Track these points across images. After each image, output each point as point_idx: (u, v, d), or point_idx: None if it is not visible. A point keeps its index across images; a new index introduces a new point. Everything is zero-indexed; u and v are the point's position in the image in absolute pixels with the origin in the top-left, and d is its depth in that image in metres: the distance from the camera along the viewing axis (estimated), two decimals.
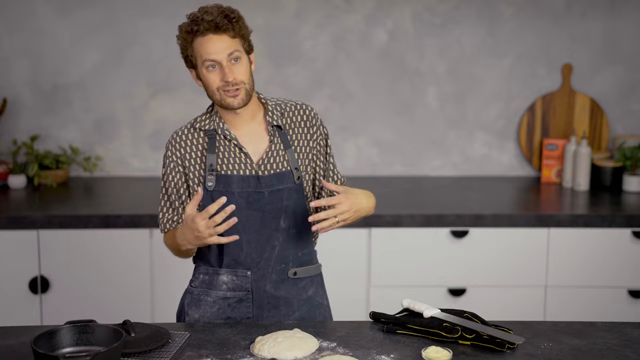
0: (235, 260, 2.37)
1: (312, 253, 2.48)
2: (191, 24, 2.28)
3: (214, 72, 2.29)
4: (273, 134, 2.39)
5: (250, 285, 2.38)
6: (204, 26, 2.25)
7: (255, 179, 2.35)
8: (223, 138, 2.37)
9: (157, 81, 4.03)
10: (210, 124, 2.38)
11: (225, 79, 2.27)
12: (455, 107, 4.10)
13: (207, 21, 2.24)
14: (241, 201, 2.33)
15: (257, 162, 2.36)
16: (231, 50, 2.27)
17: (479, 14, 4.01)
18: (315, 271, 2.47)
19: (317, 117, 2.47)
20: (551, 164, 4.00)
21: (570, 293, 3.52)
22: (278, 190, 2.36)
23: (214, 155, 2.35)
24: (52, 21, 3.95)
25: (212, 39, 2.26)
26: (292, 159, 2.39)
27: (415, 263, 3.47)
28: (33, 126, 4.03)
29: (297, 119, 2.43)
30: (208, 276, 2.41)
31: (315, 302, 2.47)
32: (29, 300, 3.43)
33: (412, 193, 3.82)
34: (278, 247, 2.38)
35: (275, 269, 2.39)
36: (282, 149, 2.38)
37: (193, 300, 2.43)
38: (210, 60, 2.27)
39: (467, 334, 2.14)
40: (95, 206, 3.57)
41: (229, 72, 2.27)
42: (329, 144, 2.50)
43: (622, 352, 2.11)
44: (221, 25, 2.25)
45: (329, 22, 4.00)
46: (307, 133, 2.43)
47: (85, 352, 1.98)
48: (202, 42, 2.27)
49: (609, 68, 4.07)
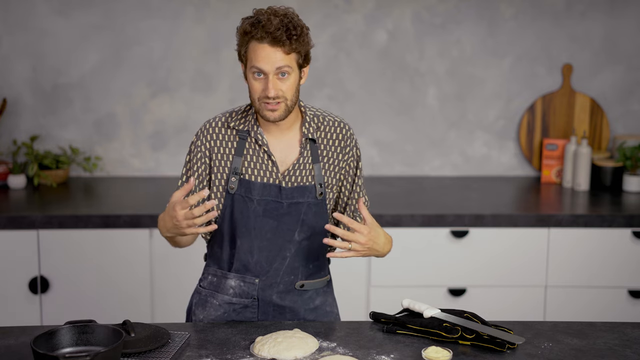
0: (244, 266, 2.35)
1: (323, 265, 2.43)
2: (250, 26, 2.20)
3: (258, 81, 2.22)
4: (304, 146, 2.34)
5: (256, 293, 2.36)
6: (261, 34, 2.18)
7: (277, 189, 2.32)
8: (254, 142, 2.33)
9: (157, 81, 4.03)
10: (245, 124, 2.34)
11: (266, 92, 2.21)
12: (455, 107, 4.10)
13: (266, 31, 2.17)
14: (259, 208, 2.31)
15: (283, 172, 2.33)
16: (281, 65, 2.19)
17: (479, 14, 4.01)
18: (322, 284, 2.44)
19: (353, 137, 2.42)
20: (551, 164, 4.00)
21: (570, 293, 3.52)
22: (298, 203, 2.33)
23: (241, 158, 2.32)
24: (52, 21, 3.95)
25: (265, 49, 2.19)
26: (318, 174, 2.35)
27: (415, 263, 3.47)
28: (33, 126, 4.03)
29: (332, 136, 2.38)
30: (217, 278, 2.40)
31: (323, 311, 2.44)
32: (29, 300, 3.43)
33: (412, 193, 3.82)
34: (289, 258, 2.35)
35: (284, 280, 2.37)
36: (309, 163, 2.34)
37: (200, 300, 2.43)
38: (257, 68, 2.20)
39: (467, 334, 2.14)
40: (95, 206, 3.57)
41: (272, 86, 2.20)
42: (359, 167, 2.44)
43: (622, 352, 2.11)
44: (279, 39, 2.17)
45: (329, 22, 4.00)
46: (340, 153, 2.39)
47: (85, 352, 1.97)
48: (256, 48, 2.20)
49: (609, 68, 4.07)
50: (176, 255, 3.42)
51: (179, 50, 4.00)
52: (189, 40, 4.00)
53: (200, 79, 4.02)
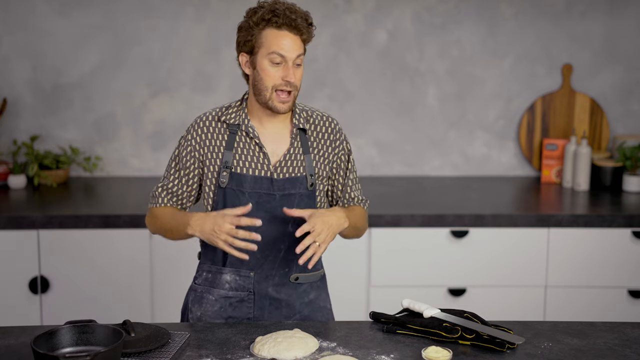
0: (239, 259, 2.36)
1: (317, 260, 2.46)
2: (271, 13, 2.24)
3: (276, 68, 2.26)
4: (295, 137, 2.38)
5: (252, 286, 2.38)
6: (284, 20, 2.23)
7: (269, 181, 2.34)
8: (245, 135, 2.36)
9: (157, 81, 4.03)
10: (236, 118, 2.37)
11: (287, 77, 2.25)
12: (455, 107, 4.10)
13: (291, 18, 2.23)
14: (251, 201, 2.33)
15: (275, 164, 2.35)
16: (300, 52, 2.27)
17: (479, 14, 4.01)
18: (316, 277, 2.47)
19: (342, 132, 2.46)
20: (551, 164, 4.00)
21: (570, 293, 3.52)
22: (290, 195, 2.35)
23: (231, 152, 2.35)
24: (52, 21, 3.95)
25: (287, 36, 2.24)
26: (309, 165, 2.38)
27: (415, 263, 3.47)
28: (33, 126, 4.03)
29: (322, 129, 2.42)
30: (211, 274, 2.41)
31: (317, 305, 2.47)
32: (29, 300, 3.43)
33: (412, 193, 3.82)
34: (284, 250, 2.37)
35: (279, 272, 2.39)
36: (300, 153, 2.37)
37: (196, 297, 2.44)
38: (279, 54, 2.24)
39: (467, 334, 2.14)
40: (95, 206, 3.57)
41: (293, 73, 2.25)
42: (350, 160, 2.48)
43: (622, 352, 2.11)
44: (301, 27, 2.24)
45: (329, 22, 4.00)
46: (329, 146, 2.42)
47: (85, 352, 1.97)
48: (276, 35, 2.24)
49: (609, 68, 4.07)
50: (176, 255, 3.42)
51: (179, 50, 4.00)
52: (189, 40, 4.00)
53: (200, 79, 4.02)
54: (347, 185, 2.48)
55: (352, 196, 2.50)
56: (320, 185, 2.41)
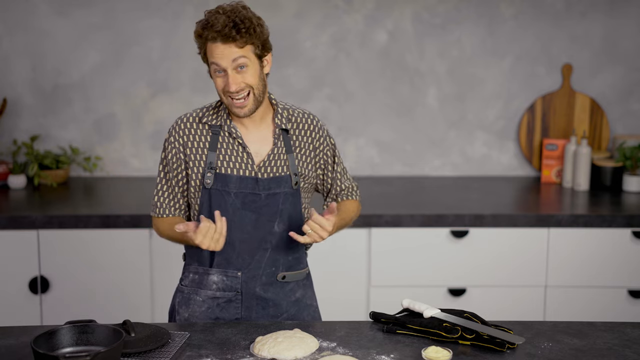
0: (226, 259, 2.37)
1: (302, 257, 2.48)
2: (201, 28, 2.26)
3: (220, 77, 2.29)
4: (278, 137, 2.39)
5: (240, 286, 2.39)
6: (212, 35, 2.24)
7: (254, 181, 2.35)
8: (228, 135, 2.37)
9: (157, 81, 4.03)
10: (218, 119, 2.38)
11: (227, 88, 2.27)
12: (455, 107, 4.10)
13: (215, 31, 2.23)
14: (237, 201, 2.34)
15: (259, 164, 2.36)
16: (236, 57, 2.25)
17: (479, 14, 4.01)
18: (302, 276, 2.48)
19: (324, 127, 2.48)
20: (551, 164, 4.00)
21: (570, 293, 3.52)
22: (275, 194, 2.36)
23: (215, 152, 2.36)
24: (52, 21, 3.95)
25: (218, 47, 2.24)
26: (292, 165, 2.39)
27: (415, 263, 3.47)
28: (33, 126, 4.03)
29: (304, 127, 2.43)
30: (198, 276, 2.42)
31: (304, 304, 2.49)
32: (29, 300, 3.43)
33: (412, 193, 3.82)
34: (270, 249, 2.39)
35: (266, 272, 2.40)
36: (284, 153, 2.39)
37: (183, 299, 2.44)
38: (216, 65, 2.27)
39: (467, 334, 2.14)
40: (95, 206, 3.57)
41: (232, 81, 2.26)
42: (336, 154, 2.51)
43: (622, 352, 2.11)
44: (228, 35, 2.23)
45: (328, 22, 4.00)
46: (311, 144, 2.44)
47: (85, 352, 1.98)
48: (210, 47, 2.26)
49: (609, 68, 4.07)
50: (176, 255, 3.41)
51: (179, 50, 4.00)
52: (189, 40, 3.97)
53: (200, 79, 4.02)
54: (337, 179, 2.52)
55: (343, 187, 2.53)
56: (303, 184, 2.42)
